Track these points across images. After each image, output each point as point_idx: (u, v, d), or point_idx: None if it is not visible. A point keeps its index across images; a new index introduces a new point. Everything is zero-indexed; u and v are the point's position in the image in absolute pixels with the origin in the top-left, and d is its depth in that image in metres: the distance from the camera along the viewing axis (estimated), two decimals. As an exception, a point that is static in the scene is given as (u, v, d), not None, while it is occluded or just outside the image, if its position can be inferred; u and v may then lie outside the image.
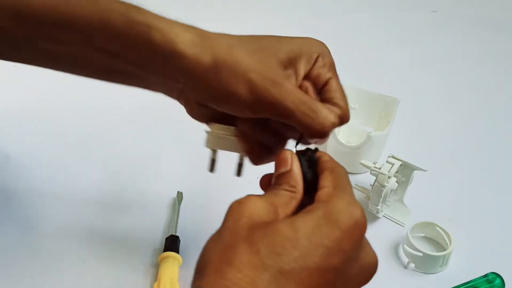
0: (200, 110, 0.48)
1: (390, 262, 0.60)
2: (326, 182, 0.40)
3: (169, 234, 0.59)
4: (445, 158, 0.73)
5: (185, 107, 0.50)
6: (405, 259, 0.60)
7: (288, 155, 0.42)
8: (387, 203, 0.62)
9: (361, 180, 0.67)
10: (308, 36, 0.49)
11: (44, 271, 0.57)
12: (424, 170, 0.62)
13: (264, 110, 0.44)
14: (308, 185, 0.41)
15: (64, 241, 0.60)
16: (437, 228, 0.61)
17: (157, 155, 0.69)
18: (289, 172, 0.41)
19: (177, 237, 0.59)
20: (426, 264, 0.59)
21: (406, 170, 0.63)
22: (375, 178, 0.61)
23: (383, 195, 0.60)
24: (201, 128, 0.66)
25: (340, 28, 1.01)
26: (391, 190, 0.62)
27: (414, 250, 0.59)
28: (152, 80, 0.47)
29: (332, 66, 0.47)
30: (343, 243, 0.36)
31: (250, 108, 0.44)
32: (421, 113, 0.81)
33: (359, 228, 0.37)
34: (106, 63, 0.46)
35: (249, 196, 0.39)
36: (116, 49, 0.45)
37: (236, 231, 0.37)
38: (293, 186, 0.41)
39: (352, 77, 0.84)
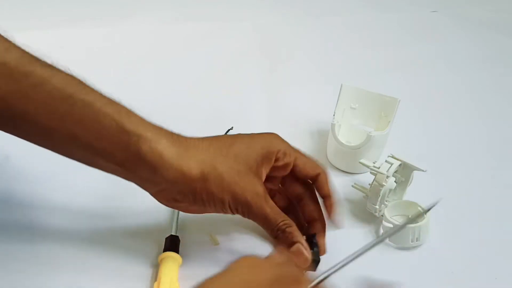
0: (173, 203, 0.55)
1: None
2: None
3: (169, 234, 0.59)
4: (445, 158, 0.73)
5: (156, 198, 0.55)
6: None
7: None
8: (386, 203, 0.62)
9: (360, 179, 0.67)
10: (269, 132, 0.58)
11: (44, 271, 0.57)
12: (423, 171, 0.62)
13: (243, 211, 0.54)
14: None
15: (64, 241, 0.60)
16: (418, 208, 0.62)
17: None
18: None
19: (177, 237, 0.59)
20: (398, 237, 0.60)
21: (405, 170, 0.63)
22: (373, 177, 0.61)
23: (381, 194, 0.60)
24: (200, 130, 0.66)
25: (340, 28, 1.01)
26: (390, 190, 0.62)
27: (386, 221, 0.60)
28: (134, 177, 0.53)
29: (292, 151, 0.57)
30: None
31: (231, 209, 0.53)
32: (421, 113, 0.81)
33: None
34: (89, 158, 0.53)
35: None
36: (103, 149, 0.51)
37: None
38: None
39: (352, 77, 0.84)
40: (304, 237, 0.55)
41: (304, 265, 0.54)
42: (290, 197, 0.60)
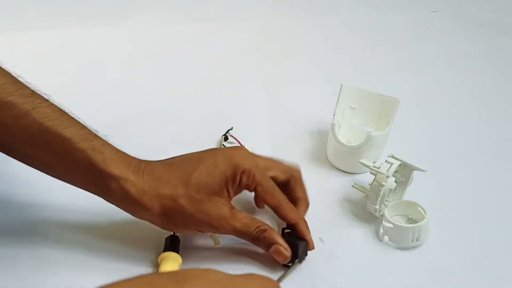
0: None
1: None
2: None
3: (169, 234, 0.59)
4: (445, 158, 0.73)
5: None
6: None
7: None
8: (386, 203, 0.62)
9: (360, 179, 0.68)
10: (237, 148, 0.62)
11: (44, 271, 0.57)
12: (423, 171, 0.62)
13: (214, 232, 0.58)
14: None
15: (64, 241, 0.60)
16: (418, 208, 0.62)
17: (157, 155, 0.69)
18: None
19: (177, 237, 0.59)
20: (397, 237, 0.60)
21: (405, 170, 0.63)
22: (373, 177, 0.61)
23: (381, 194, 0.60)
24: (200, 130, 0.66)
25: (340, 28, 1.01)
26: (390, 190, 0.62)
27: (386, 221, 0.60)
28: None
29: (256, 174, 0.56)
30: None
31: (202, 232, 0.57)
32: (421, 113, 0.81)
33: None
34: (68, 182, 0.57)
35: None
36: (78, 180, 0.56)
37: None
38: None
39: (352, 77, 0.84)
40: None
41: (285, 262, 0.56)
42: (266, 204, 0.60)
